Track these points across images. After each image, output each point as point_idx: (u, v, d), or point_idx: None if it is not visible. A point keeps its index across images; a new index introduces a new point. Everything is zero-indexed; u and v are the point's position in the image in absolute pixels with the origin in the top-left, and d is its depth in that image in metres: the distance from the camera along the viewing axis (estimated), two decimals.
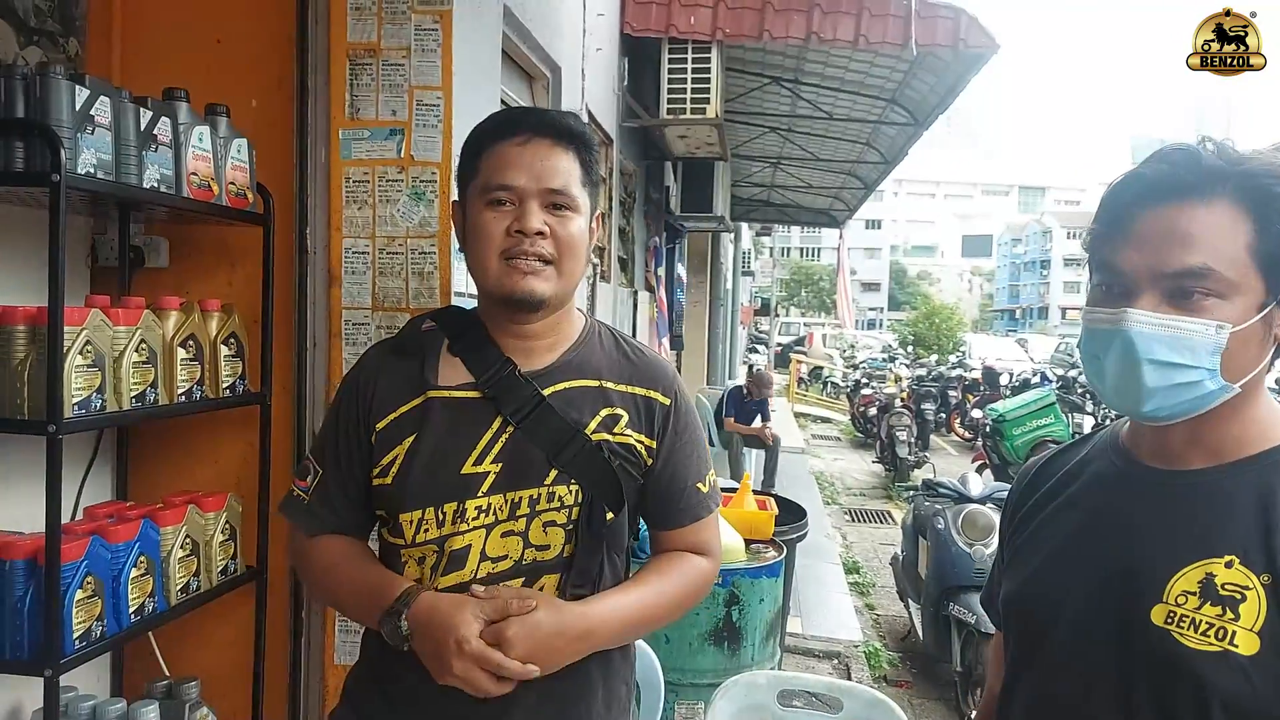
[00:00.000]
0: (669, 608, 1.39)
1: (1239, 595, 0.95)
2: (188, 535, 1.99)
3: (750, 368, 14.13)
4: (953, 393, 14.49)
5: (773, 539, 3.43)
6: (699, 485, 1.43)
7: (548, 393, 1.35)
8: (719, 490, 1.50)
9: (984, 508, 4.55)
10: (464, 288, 2.14)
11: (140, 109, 1.81)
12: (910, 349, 27.75)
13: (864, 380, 15.67)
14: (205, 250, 2.26)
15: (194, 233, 2.25)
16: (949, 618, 4.32)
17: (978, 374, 15.50)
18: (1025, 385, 13.07)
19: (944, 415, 13.97)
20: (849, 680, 4.12)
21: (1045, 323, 63.45)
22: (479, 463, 1.31)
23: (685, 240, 10.09)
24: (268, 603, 2.22)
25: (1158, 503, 1.05)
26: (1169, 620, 0.97)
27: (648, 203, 7.18)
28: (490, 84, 2.90)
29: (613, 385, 1.39)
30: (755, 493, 3.72)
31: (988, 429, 9.54)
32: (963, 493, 4.78)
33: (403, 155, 2.16)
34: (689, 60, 5.58)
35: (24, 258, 1.94)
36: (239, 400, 2.14)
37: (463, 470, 1.31)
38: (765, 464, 8.46)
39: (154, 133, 1.84)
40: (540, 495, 1.31)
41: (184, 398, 1.96)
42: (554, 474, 1.31)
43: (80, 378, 1.66)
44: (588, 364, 1.40)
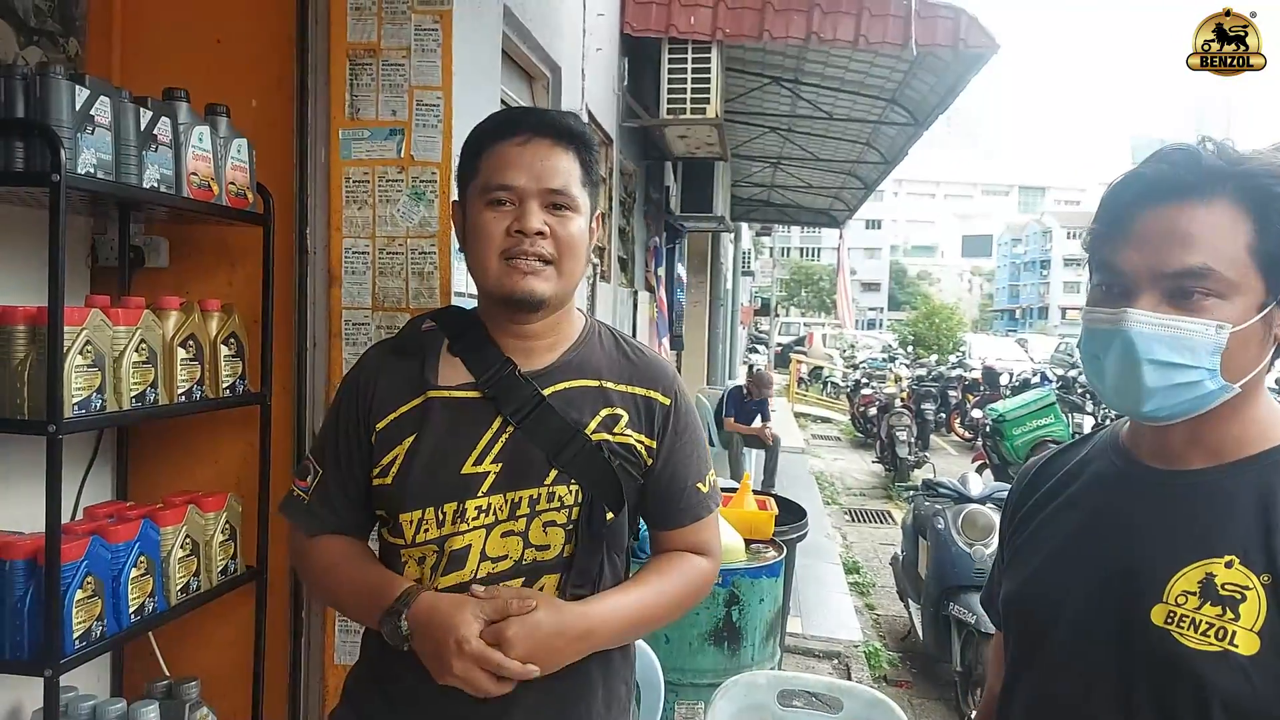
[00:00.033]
0: (669, 607, 1.39)
1: (1239, 595, 0.95)
2: (188, 535, 1.99)
3: (750, 368, 14.13)
4: (953, 393, 14.49)
5: (773, 539, 3.43)
6: (699, 485, 1.43)
7: (548, 393, 1.35)
8: (719, 490, 1.50)
9: (984, 508, 4.55)
10: (464, 288, 2.14)
11: (140, 109, 1.81)
12: (910, 349, 27.74)
13: (864, 380, 15.68)
14: (205, 250, 2.26)
15: (194, 233, 2.25)
16: (949, 618, 4.32)
17: (978, 374, 15.50)
18: (1025, 385, 13.07)
19: (944, 415, 13.98)
20: (849, 680, 4.11)
21: (1045, 323, 63.44)
22: (479, 463, 1.31)
23: (685, 240, 10.09)
24: (268, 603, 2.22)
25: (1158, 503, 1.05)
26: (1169, 620, 0.97)
27: (648, 203, 7.18)
28: (490, 84, 2.90)
29: (613, 385, 1.39)
30: (755, 493, 3.72)
31: (988, 429, 9.55)
32: (963, 493, 4.78)
33: (403, 155, 2.16)
34: (689, 60, 5.58)
35: (24, 258, 1.94)
36: (239, 400, 2.14)
37: (463, 470, 1.31)
38: (765, 464, 8.46)
39: (154, 133, 1.84)
40: (540, 495, 1.31)
41: (184, 398, 1.96)
42: (554, 474, 1.31)
43: (80, 378, 1.66)
44: (588, 364, 1.40)
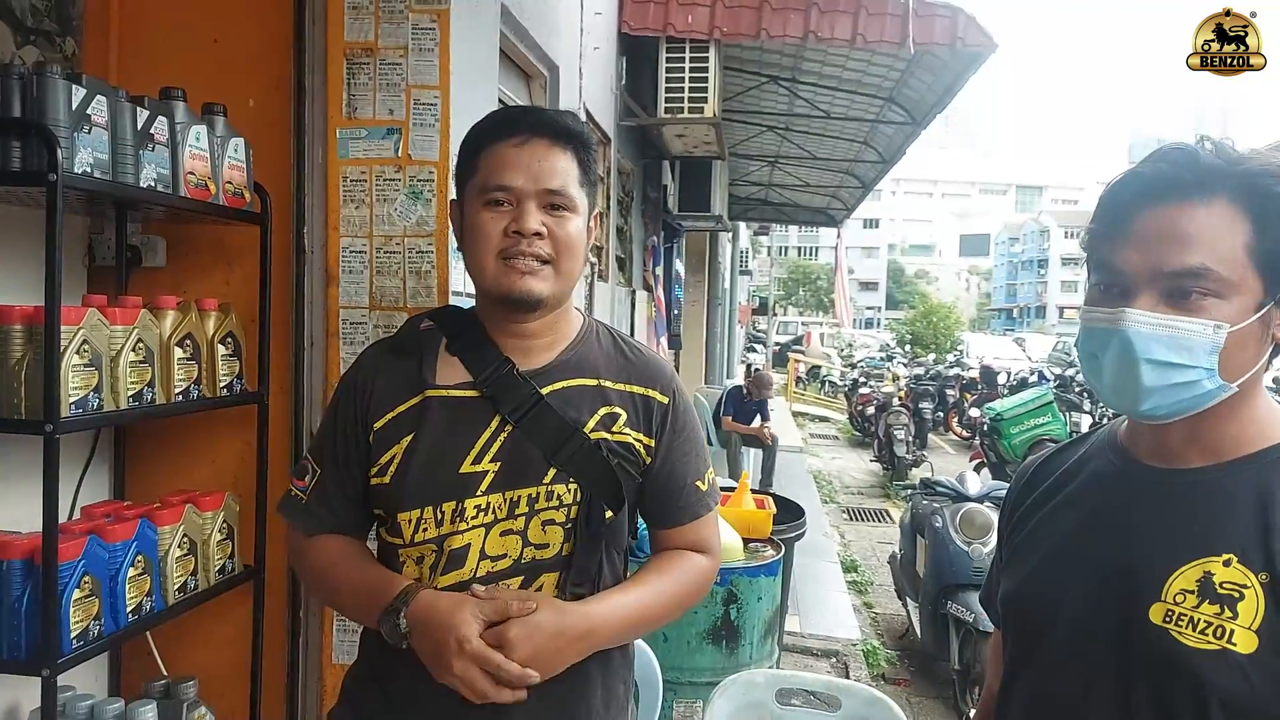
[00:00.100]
0: (669, 606, 1.39)
1: (1237, 594, 0.95)
2: (185, 534, 1.99)
3: (749, 367, 14.13)
4: (950, 391, 14.51)
5: (771, 538, 3.43)
6: (698, 483, 1.43)
7: (546, 391, 1.35)
8: (718, 488, 1.50)
9: (982, 506, 4.55)
10: (462, 287, 2.14)
11: (137, 108, 1.81)
12: (908, 348, 27.74)
13: (862, 379, 15.69)
14: (202, 250, 2.26)
15: (191, 232, 2.24)
16: (947, 616, 4.32)
17: (975, 373, 15.52)
18: (1023, 384, 13.09)
19: (942, 414, 13.99)
20: (847, 679, 4.12)
21: (1043, 322, 63.50)
22: (477, 461, 1.31)
23: (683, 239, 10.08)
24: (265, 602, 2.22)
25: (1156, 501, 1.05)
26: (1167, 619, 0.97)
27: (645, 202, 7.18)
28: (488, 83, 2.90)
29: (611, 384, 1.39)
30: (753, 492, 3.73)
31: (985, 428, 9.57)
32: (960, 491, 4.78)
33: (400, 154, 2.15)
34: (686, 59, 5.59)
35: (21, 257, 1.94)
36: (236, 400, 2.14)
37: (461, 469, 1.31)
38: (763, 463, 8.46)
39: (151, 132, 1.84)
40: (539, 494, 1.31)
41: (181, 397, 1.95)
42: (552, 473, 1.31)
43: (77, 377, 1.66)
44: (586, 363, 1.40)
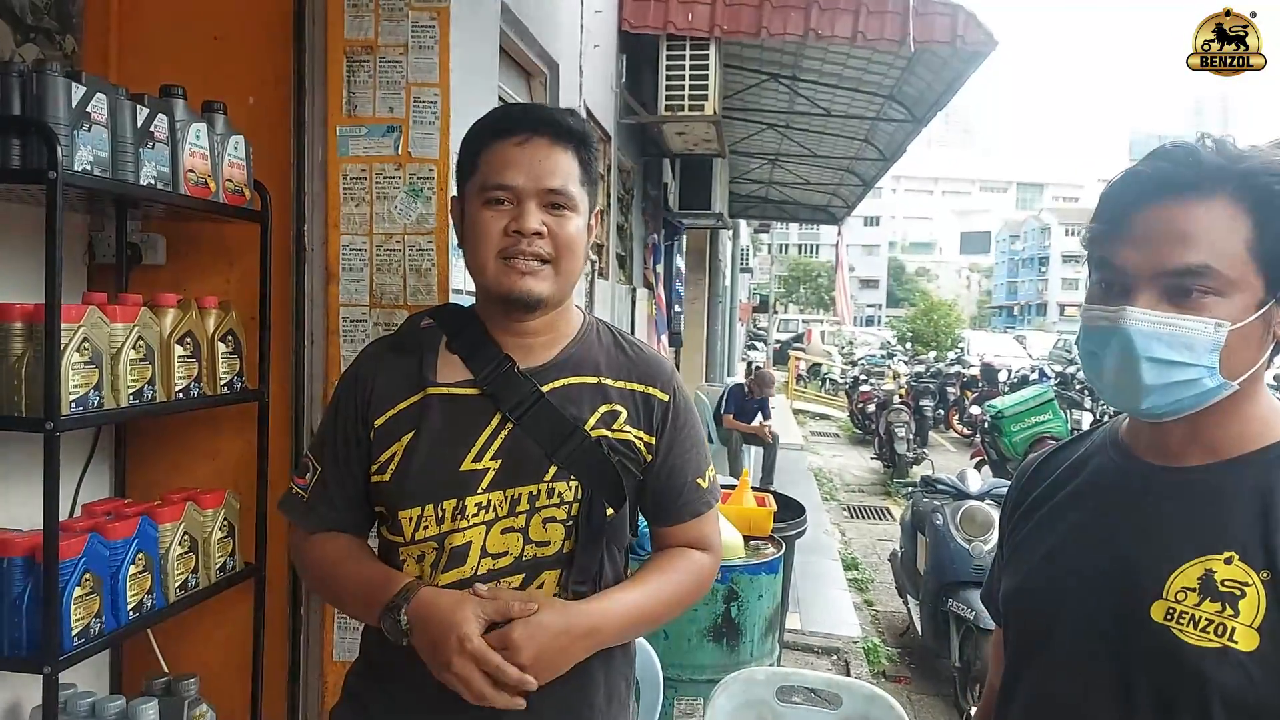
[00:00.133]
0: (671, 604, 1.39)
1: (1238, 591, 0.95)
2: (186, 532, 1.99)
3: (749, 365, 14.13)
4: (951, 389, 14.51)
5: (771, 535, 3.43)
6: (699, 481, 1.43)
7: (546, 389, 1.35)
8: (718, 485, 1.50)
9: (982, 504, 4.55)
10: (462, 285, 2.14)
11: (137, 106, 1.81)
12: (909, 346, 27.74)
13: (862, 377, 15.68)
14: (203, 247, 2.26)
15: (191, 230, 2.24)
16: (947, 613, 4.32)
17: (976, 371, 15.53)
18: (1023, 382, 13.10)
19: (942, 412, 13.99)
20: (848, 676, 4.12)
21: (1043, 319, 63.52)
22: (478, 459, 1.31)
23: (683, 237, 10.08)
24: (266, 599, 2.22)
25: (1157, 499, 1.04)
26: (1169, 617, 0.97)
27: (646, 200, 7.18)
28: (488, 81, 2.89)
29: (611, 382, 1.39)
30: (754, 489, 3.73)
31: (986, 425, 9.57)
32: (961, 489, 4.78)
33: (400, 152, 2.15)
34: (687, 57, 5.58)
35: (21, 255, 1.94)
36: (237, 397, 2.14)
37: (462, 467, 1.30)
38: (763, 461, 8.46)
39: (151, 130, 1.83)
40: (540, 491, 1.31)
41: (181, 395, 1.95)
42: (553, 470, 1.31)
43: (77, 375, 1.66)
44: (586, 360, 1.40)
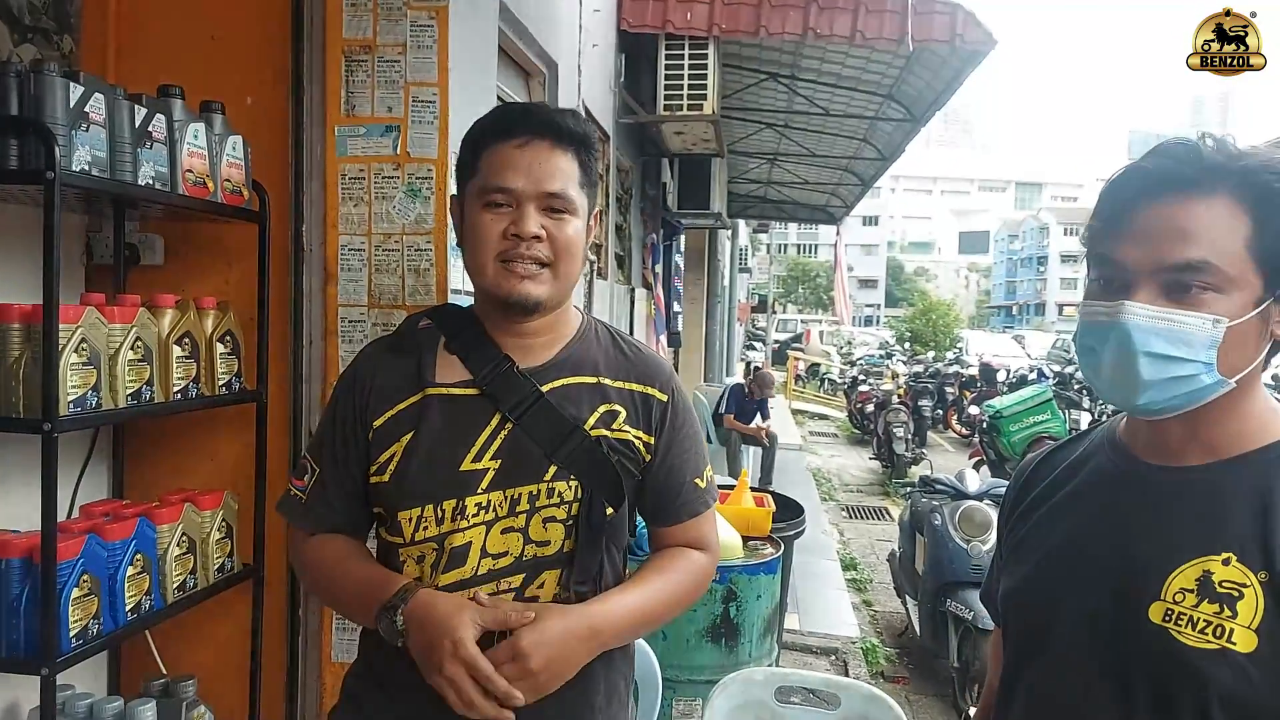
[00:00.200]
0: (671, 604, 1.39)
1: (1237, 593, 0.95)
2: (184, 533, 1.99)
3: (748, 365, 14.13)
4: (950, 389, 14.50)
5: (770, 536, 3.43)
6: (697, 481, 1.43)
7: (546, 389, 1.34)
8: (715, 485, 1.50)
9: (981, 504, 4.55)
10: (460, 285, 2.13)
11: (135, 106, 1.81)
12: (907, 345, 27.72)
13: (861, 377, 15.67)
14: (201, 248, 2.25)
15: (189, 230, 2.24)
16: (946, 613, 4.32)
17: (974, 370, 15.52)
18: (1022, 382, 13.11)
19: (941, 412, 13.99)
20: (846, 676, 4.12)
21: (1042, 319, 63.56)
22: (478, 459, 1.31)
23: (682, 237, 10.08)
24: (264, 600, 2.22)
25: (1155, 499, 1.04)
26: (1167, 618, 0.97)
27: (644, 199, 7.18)
28: (486, 80, 2.89)
29: (610, 382, 1.39)
30: (753, 490, 3.72)
31: (984, 425, 9.57)
32: (960, 489, 4.78)
33: (399, 152, 2.15)
34: (685, 56, 5.58)
35: (19, 256, 1.93)
36: (235, 398, 2.13)
37: (461, 467, 1.30)
38: (762, 461, 8.47)
39: (149, 130, 1.83)
40: (540, 491, 1.31)
41: (180, 395, 1.95)
42: (553, 470, 1.31)
43: (75, 376, 1.65)
44: (585, 361, 1.40)
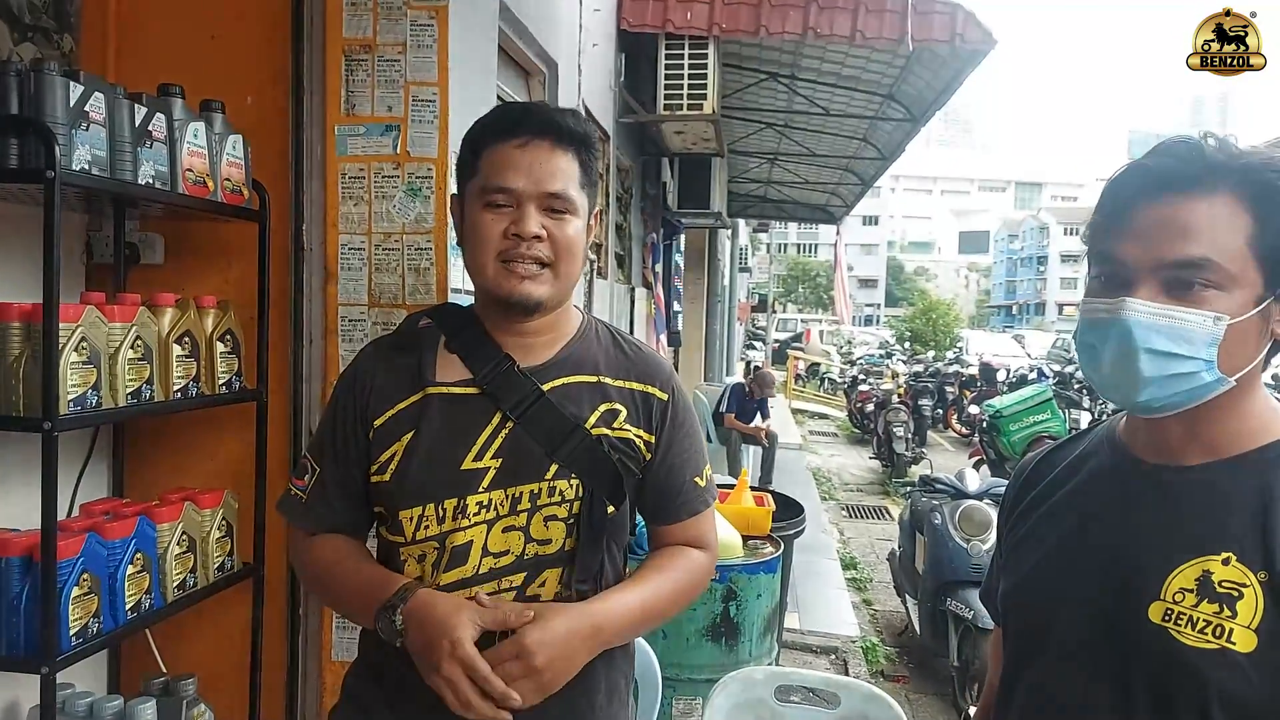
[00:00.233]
0: (671, 603, 1.39)
1: (1236, 592, 0.95)
2: (184, 532, 1.99)
3: (749, 364, 14.14)
4: (950, 389, 14.51)
5: (770, 535, 3.43)
6: (696, 479, 1.43)
7: (546, 388, 1.35)
8: (715, 484, 1.51)
9: (981, 503, 4.55)
10: (461, 284, 2.13)
11: (135, 105, 1.81)
12: (907, 345, 27.74)
13: (861, 376, 15.67)
14: (201, 247, 2.25)
15: (189, 229, 2.24)
16: (946, 613, 4.33)
17: (974, 370, 15.52)
18: (1022, 381, 13.12)
19: (941, 411, 13.99)
20: (846, 675, 4.13)
21: (1042, 319, 63.59)
22: (479, 458, 1.31)
23: (682, 236, 10.08)
24: (264, 599, 2.22)
25: (1155, 499, 1.04)
26: (1166, 618, 0.97)
27: (644, 199, 7.18)
28: (486, 80, 2.89)
29: (610, 380, 1.39)
30: (752, 489, 3.73)
31: (984, 425, 9.57)
32: (960, 488, 4.78)
33: (399, 151, 2.15)
34: (685, 56, 5.57)
35: (19, 255, 1.93)
36: (235, 397, 2.13)
37: (462, 466, 1.30)
38: (762, 460, 8.47)
39: (149, 129, 1.83)
40: (541, 490, 1.31)
41: (180, 394, 1.95)
42: (554, 468, 1.31)
43: (75, 375, 1.65)
44: (586, 359, 1.40)
